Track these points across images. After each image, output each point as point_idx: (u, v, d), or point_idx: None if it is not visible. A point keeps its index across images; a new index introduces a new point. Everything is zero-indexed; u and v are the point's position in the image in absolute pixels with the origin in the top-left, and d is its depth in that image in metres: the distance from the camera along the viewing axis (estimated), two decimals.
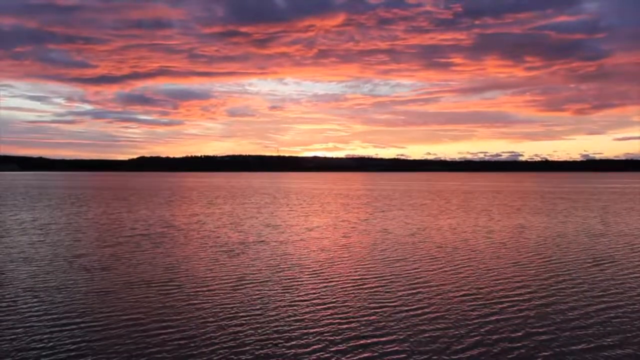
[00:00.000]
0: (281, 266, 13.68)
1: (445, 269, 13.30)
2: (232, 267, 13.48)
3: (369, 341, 7.82)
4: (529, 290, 11.07)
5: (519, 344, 7.69)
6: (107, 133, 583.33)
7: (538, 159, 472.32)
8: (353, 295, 10.60)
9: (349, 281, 11.87)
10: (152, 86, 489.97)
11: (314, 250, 16.32)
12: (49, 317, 8.97)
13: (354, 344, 7.71)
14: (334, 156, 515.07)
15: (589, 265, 14.01)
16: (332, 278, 12.21)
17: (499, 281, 11.91)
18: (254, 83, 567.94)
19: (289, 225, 23.81)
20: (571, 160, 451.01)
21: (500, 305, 9.78)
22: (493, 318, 8.98)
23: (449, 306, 9.73)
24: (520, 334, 8.15)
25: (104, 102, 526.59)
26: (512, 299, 10.31)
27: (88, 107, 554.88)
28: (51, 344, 7.68)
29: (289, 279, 12.15)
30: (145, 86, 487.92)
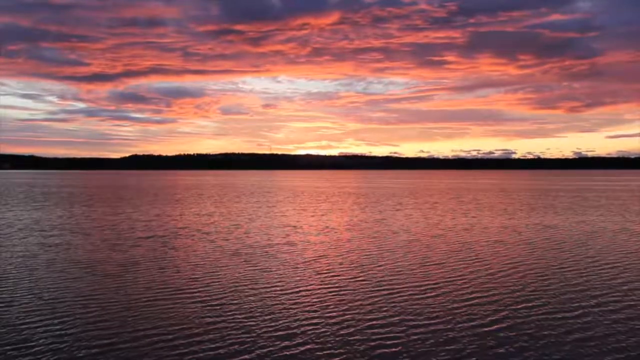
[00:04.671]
0: (313, 270, 12.82)
1: (487, 271, 12.50)
2: (260, 270, 12.60)
3: (416, 352, 7.01)
4: (579, 290, 10.30)
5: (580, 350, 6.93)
6: (100, 131, 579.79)
7: (531, 156, 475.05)
8: (400, 302, 9.77)
9: (390, 287, 11.03)
10: (146, 84, 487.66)
11: (342, 253, 15.49)
12: (60, 323, 8.08)
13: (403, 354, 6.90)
14: (327, 154, 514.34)
15: (635, 265, 13.30)
16: (370, 282, 11.37)
17: (549, 282, 11.12)
18: (248, 81, 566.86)
19: (307, 225, 22.96)
20: (564, 157, 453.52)
21: (556, 307, 9.01)
22: (556, 323, 8.20)
23: (498, 309, 8.93)
24: (579, 336, 7.38)
25: (97, 100, 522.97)
26: (565, 298, 9.53)
27: (81, 105, 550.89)
28: (60, 350, 6.82)
29: (323, 284, 11.30)
30: (139, 84, 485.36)
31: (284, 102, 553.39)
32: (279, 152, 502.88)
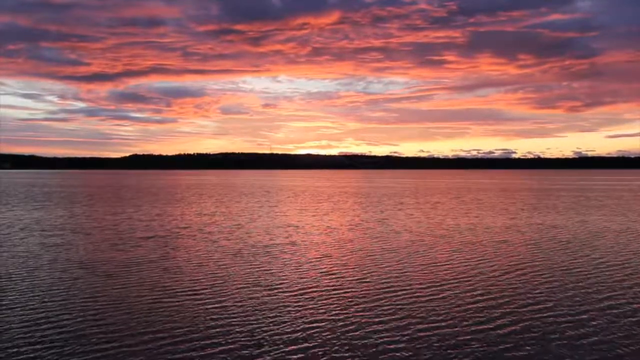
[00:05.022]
0: (317, 271, 12.67)
1: (493, 272, 12.35)
2: (264, 271, 12.45)
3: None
4: (588, 292, 10.16)
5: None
6: (100, 131, 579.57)
7: (531, 156, 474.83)
8: (407, 304, 9.63)
9: (396, 288, 10.89)
10: (146, 84, 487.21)
11: (345, 253, 15.34)
12: (63, 324, 7.95)
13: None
14: (327, 154, 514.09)
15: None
16: (375, 284, 11.23)
17: (557, 284, 10.98)
18: (248, 81, 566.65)
19: (309, 225, 22.82)
20: (564, 157, 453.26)
21: (566, 309, 8.87)
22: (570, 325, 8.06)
23: (506, 311, 8.80)
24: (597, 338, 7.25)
25: (97, 100, 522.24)
26: (575, 300, 9.40)
27: (81, 105, 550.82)
28: (65, 351, 6.68)
29: (328, 286, 11.16)
30: (139, 84, 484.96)
31: (284, 102, 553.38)
32: (279, 152, 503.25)
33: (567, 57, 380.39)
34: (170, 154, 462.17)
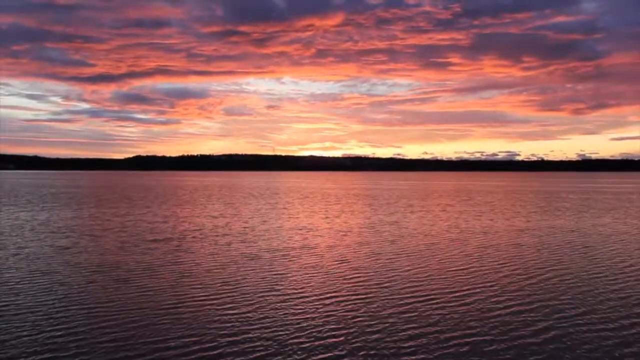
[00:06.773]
0: (335, 275, 12.52)
1: (514, 275, 12.18)
2: (281, 275, 12.32)
3: None
4: (610, 291, 9.98)
5: None
6: (103, 132, 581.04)
7: (534, 158, 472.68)
8: (429, 309, 9.47)
9: (417, 293, 10.74)
10: (150, 85, 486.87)
11: (361, 257, 15.19)
12: (73, 329, 7.83)
13: None
14: (331, 155, 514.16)
15: None
16: (395, 288, 11.07)
17: (580, 287, 10.80)
18: (252, 82, 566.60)
19: (322, 227, 22.68)
20: (567, 160, 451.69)
21: (591, 313, 8.70)
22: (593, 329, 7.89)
23: (531, 316, 8.63)
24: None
25: (101, 101, 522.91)
26: (597, 300, 9.22)
27: (85, 105, 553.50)
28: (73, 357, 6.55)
29: (348, 290, 11.00)
30: (143, 85, 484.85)
31: (288, 103, 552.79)
32: (283, 153, 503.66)
33: (572, 59, 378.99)
34: (173, 155, 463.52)
